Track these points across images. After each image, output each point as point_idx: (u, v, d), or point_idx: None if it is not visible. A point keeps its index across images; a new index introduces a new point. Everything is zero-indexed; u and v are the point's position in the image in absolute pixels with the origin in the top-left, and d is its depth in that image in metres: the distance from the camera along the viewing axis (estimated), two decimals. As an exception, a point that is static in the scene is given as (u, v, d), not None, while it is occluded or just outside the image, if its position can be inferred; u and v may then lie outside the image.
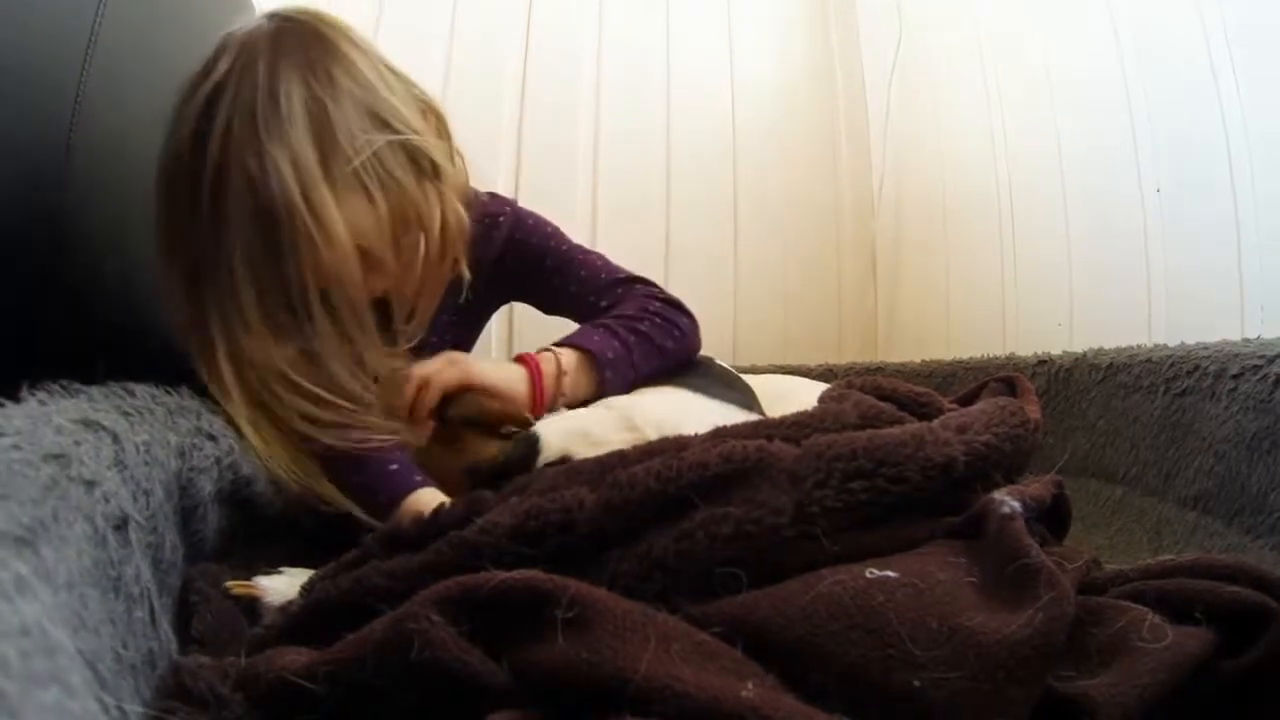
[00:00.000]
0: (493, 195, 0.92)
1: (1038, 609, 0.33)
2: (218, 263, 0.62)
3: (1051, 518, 0.51)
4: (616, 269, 0.93)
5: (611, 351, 0.80)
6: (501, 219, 0.90)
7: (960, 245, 1.60)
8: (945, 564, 0.38)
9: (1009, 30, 1.49)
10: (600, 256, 0.94)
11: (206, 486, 0.50)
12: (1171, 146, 1.14)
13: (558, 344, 0.81)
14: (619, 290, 0.90)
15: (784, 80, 1.82)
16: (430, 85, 0.88)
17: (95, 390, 0.46)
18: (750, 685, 0.28)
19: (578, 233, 1.66)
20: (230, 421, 0.60)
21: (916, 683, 0.30)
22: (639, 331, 0.83)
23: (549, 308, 0.97)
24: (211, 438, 0.53)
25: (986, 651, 0.31)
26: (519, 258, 0.91)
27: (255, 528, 0.59)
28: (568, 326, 0.88)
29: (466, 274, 0.79)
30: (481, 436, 0.68)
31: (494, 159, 1.54)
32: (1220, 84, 1.05)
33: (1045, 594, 0.34)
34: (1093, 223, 1.28)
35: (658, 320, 0.85)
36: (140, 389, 0.50)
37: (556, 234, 0.94)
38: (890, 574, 0.35)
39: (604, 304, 0.89)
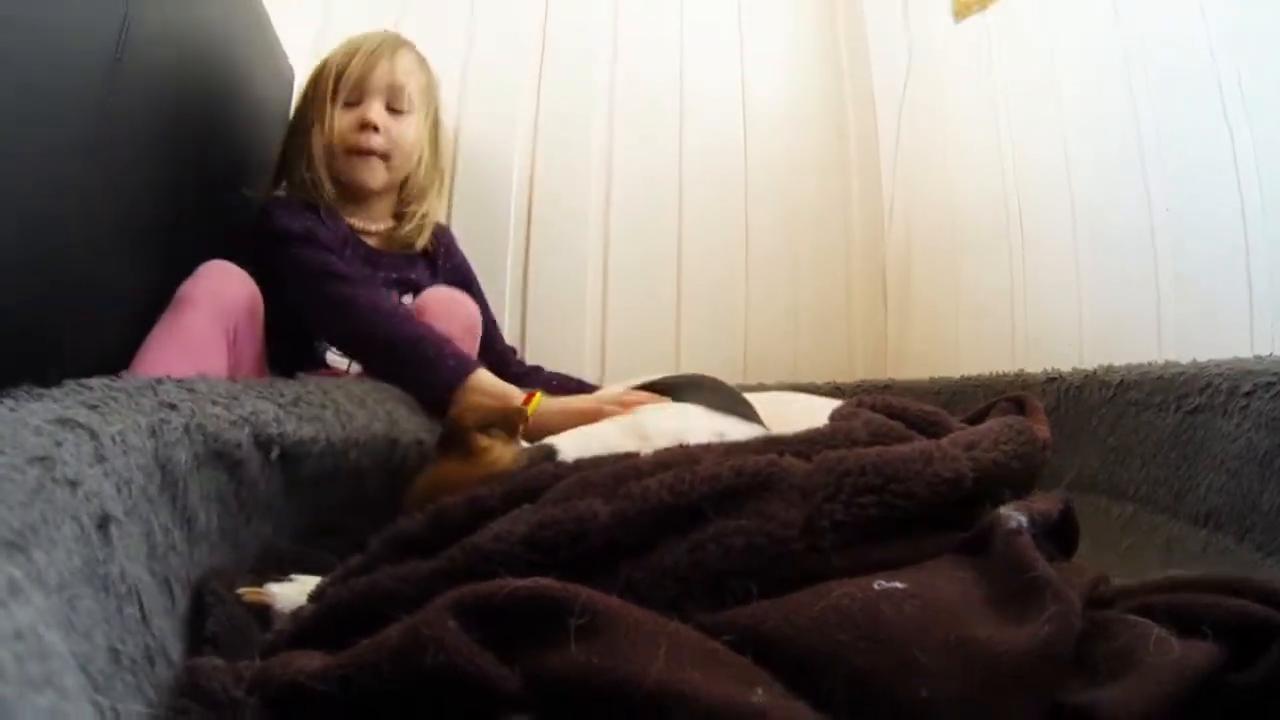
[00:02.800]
0: None
1: (1045, 621, 0.33)
2: None
3: (1058, 534, 0.51)
4: None
5: None
6: (448, 231, 1.29)
7: (970, 263, 1.60)
8: (953, 577, 0.38)
9: (1017, 51, 1.50)
10: None
11: (182, 457, 0.50)
12: (1181, 165, 1.14)
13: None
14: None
15: (795, 101, 1.83)
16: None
17: (56, 391, 0.46)
18: (760, 691, 0.29)
19: (590, 252, 1.68)
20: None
21: (924, 693, 0.31)
22: None
23: None
24: (173, 407, 0.52)
25: (994, 663, 0.32)
26: (458, 273, 1.25)
27: (235, 482, 0.59)
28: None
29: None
30: (497, 444, 0.68)
31: (507, 193, 1.57)
32: (1227, 102, 1.06)
33: (1052, 606, 0.34)
34: (1102, 240, 1.29)
35: None
36: (94, 382, 0.50)
37: None
38: (898, 585, 0.35)
39: (516, 358, 1.31)
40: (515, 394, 0.83)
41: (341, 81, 1.06)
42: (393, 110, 1.09)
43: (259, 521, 0.62)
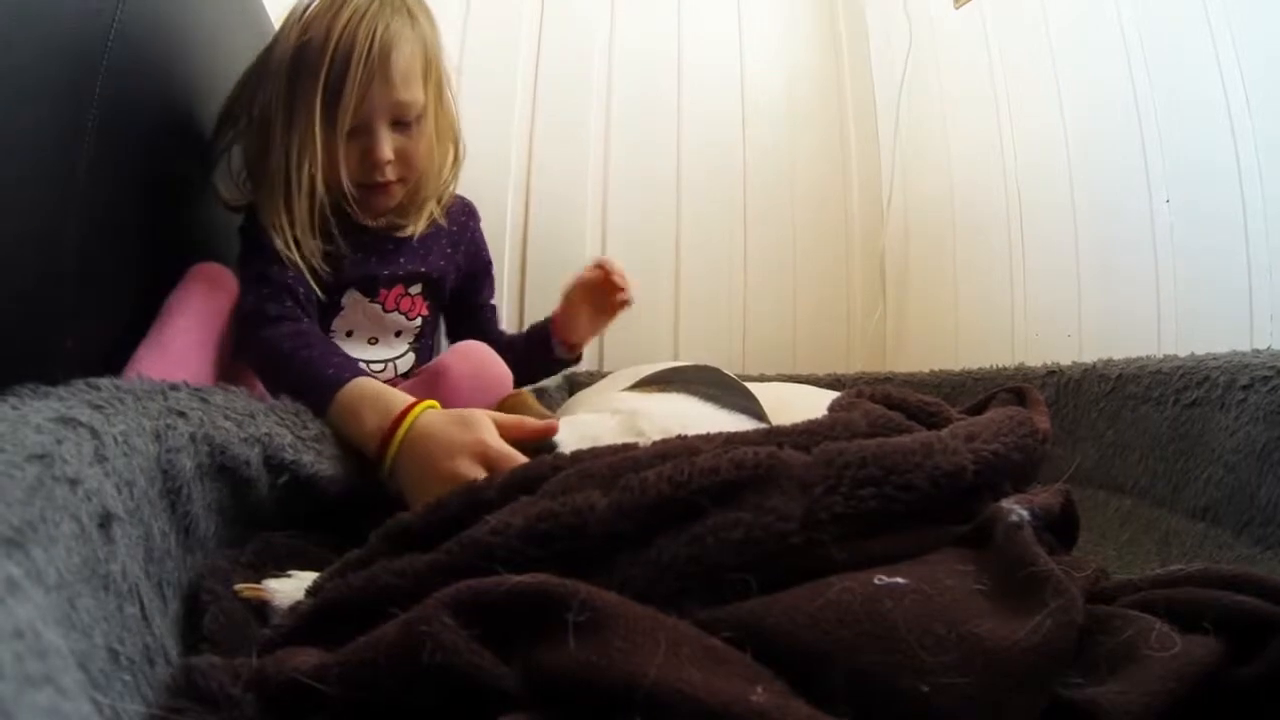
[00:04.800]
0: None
1: (1046, 615, 0.33)
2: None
3: (1059, 527, 0.51)
4: None
5: None
6: (472, 209, 1.14)
7: (969, 255, 1.60)
8: (953, 571, 0.38)
9: (1018, 41, 1.49)
10: None
11: (186, 464, 0.50)
12: (1181, 158, 1.14)
13: None
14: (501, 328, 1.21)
15: (794, 93, 1.83)
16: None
17: (61, 389, 0.46)
18: (760, 690, 0.28)
19: (588, 246, 1.68)
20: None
21: (925, 688, 0.30)
22: None
23: (461, 320, 1.16)
24: (182, 414, 0.52)
25: (995, 658, 0.31)
26: (478, 259, 1.15)
27: (240, 497, 0.59)
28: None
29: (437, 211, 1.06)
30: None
31: (504, 178, 1.55)
32: (1229, 94, 1.05)
33: (1053, 601, 0.34)
34: (1102, 233, 1.28)
35: None
36: (103, 382, 0.49)
37: None
38: (899, 580, 0.35)
39: (505, 338, 1.16)
40: (392, 403, 0.75)
41: (338, 109, 0.89)
42: (400, 124, 0.95)
43: (263, 533, 0.62)
